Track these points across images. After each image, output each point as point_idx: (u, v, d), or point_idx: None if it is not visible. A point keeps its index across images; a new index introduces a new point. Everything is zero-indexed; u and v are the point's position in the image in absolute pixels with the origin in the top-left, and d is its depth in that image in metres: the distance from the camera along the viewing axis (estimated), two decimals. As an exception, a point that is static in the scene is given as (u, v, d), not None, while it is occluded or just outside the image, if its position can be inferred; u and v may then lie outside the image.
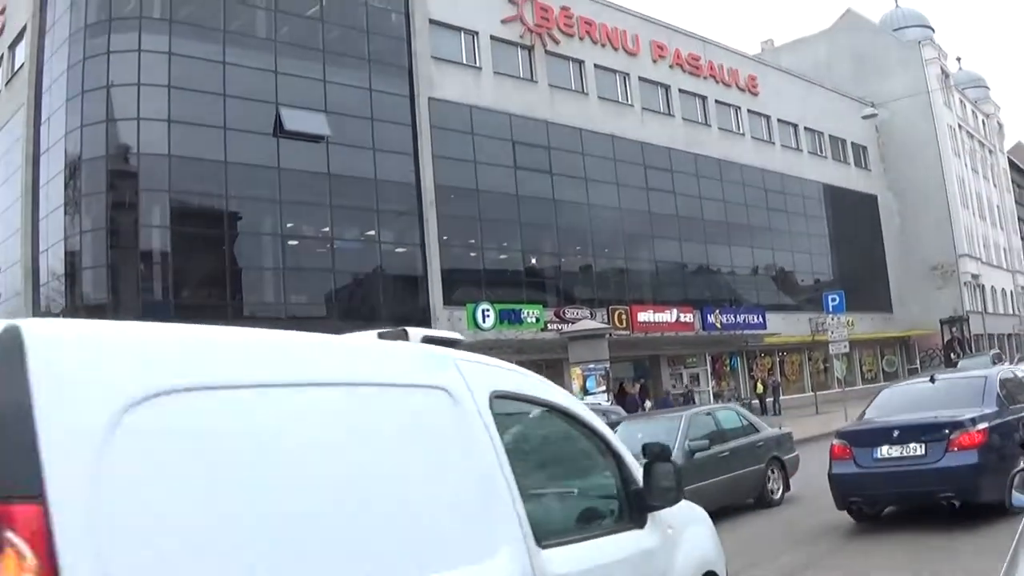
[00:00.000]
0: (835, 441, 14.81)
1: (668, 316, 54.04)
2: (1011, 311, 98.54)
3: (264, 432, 3.67)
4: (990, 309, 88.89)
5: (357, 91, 43.73)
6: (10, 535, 2.81)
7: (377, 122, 44.24)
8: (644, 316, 52.33)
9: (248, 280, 40.99)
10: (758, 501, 18.22)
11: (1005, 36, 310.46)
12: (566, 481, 6.49)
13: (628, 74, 58.51)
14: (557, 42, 53.84)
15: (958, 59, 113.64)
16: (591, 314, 47.15)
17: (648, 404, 52.36)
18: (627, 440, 14.45)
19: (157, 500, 3.15)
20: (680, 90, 62.09)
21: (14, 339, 2.97)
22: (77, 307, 37.68)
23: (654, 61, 60.34)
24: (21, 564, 2.80)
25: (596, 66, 56.39)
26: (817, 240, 72.47)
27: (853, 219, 76.53)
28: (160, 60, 38.07)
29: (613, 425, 18.24)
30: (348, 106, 43.18)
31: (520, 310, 46.69)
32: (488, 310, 44.78)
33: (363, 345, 4.93)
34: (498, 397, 5.23)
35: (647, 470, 6.04)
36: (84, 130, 38.09)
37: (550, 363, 47.59)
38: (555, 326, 45.71)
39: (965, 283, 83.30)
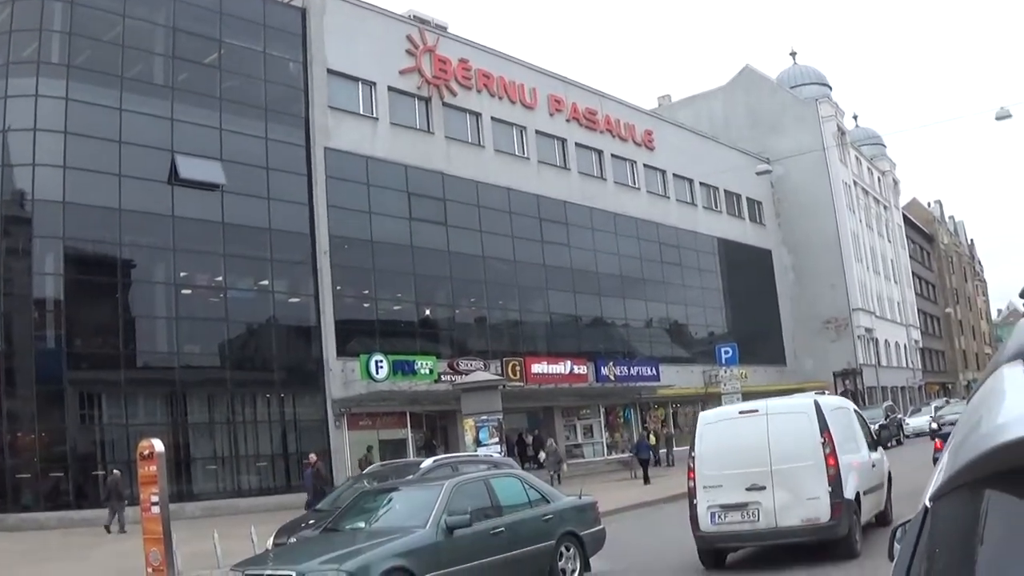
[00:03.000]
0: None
1: (562, 368, 54.92)
2: (904, 364, 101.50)
3: None
4: (883, 362, 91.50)
5: (253, 140, 44.14)
6: None
7: (272, 171, 44.68)
8: (538, 368, 53.20)
9: (141, 329, 41.02)
10: None
11: (902, 94, 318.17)
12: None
13: (525, 127, 59.79)
14: (455, 94, 54.98)
15: (855, 116, 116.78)
16: (485, 366, 47.88)
17: (542, 455, 53.42)
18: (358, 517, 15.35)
19: None
20: (576, 144, 63.57)
21: None
22: (-32, 355, 37.69)
23: (551, 115, 61.72)
24: None
25: (493, 119, 57.53)
26: (711, 293, 74.33)
27: (747, 273, 78.60)
28: (57, 105, 38.37)
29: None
30: (244, 154, 43.55)
31: (414, 361, 47.23)
32: (382, 361, 45.17)
33: None
34: None
35: None
36: (-22, 175, 38.18)
37: (443, 414, 48.85)
38: (449, 377, 46.25)
39: (859, 336, 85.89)
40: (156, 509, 19.50)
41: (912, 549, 2.16)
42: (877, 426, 33.01)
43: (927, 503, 2.14)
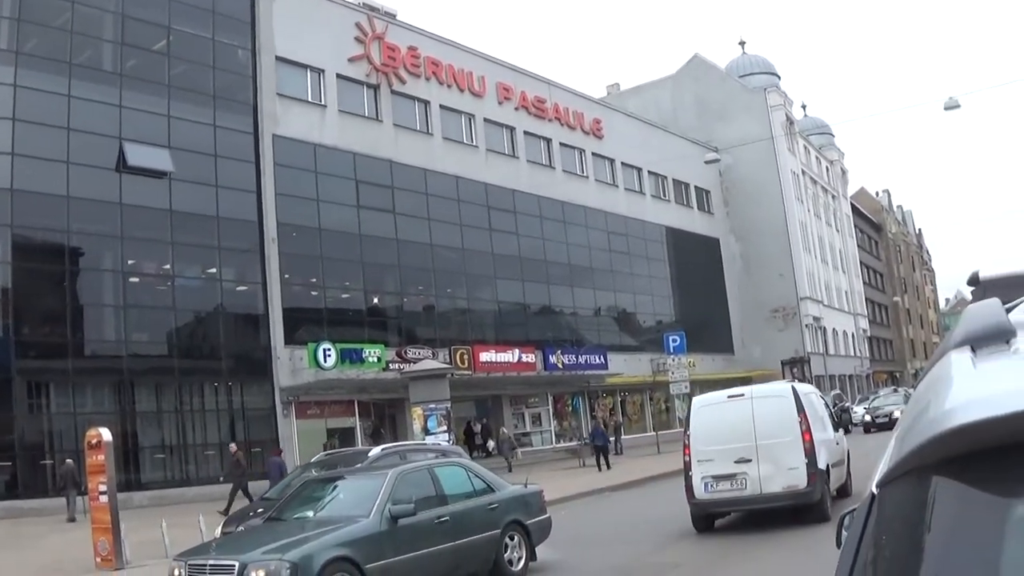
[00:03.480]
0: None
1: (510, 356, 55.46)
2: (852, 353, 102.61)
3: None
4: (831, 351, 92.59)
5: (201, 127, 44.14)
6: None
7: (220, 159, 44.74)
8: (486, 356, 53.68)
9: (89, 318, 41.01)
10: (494, 574, 16.12)
11: (850, 84, 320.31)
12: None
13: (473, 115, 60.15)
14: (403, 82, 55.26)
15: (803, 106, 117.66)
16: (433, 354, 48.15)
17: (491, 444, 53.92)
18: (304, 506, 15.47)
19: None
20: (525, 132, 64.04)
21: None
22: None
23: (500, 103, 62.16)
24: None
25: (442, 106, 57.88)
26: (659, 282, 75.04)
27: (696, 262, 79.36)
28: (5, 92, 38.17)
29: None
30: (192, 142, 43.51)
31: (362, 350, 47.52)
32: (330, 349, 45.44)
33: None
34: None
35: None
36: (-74, 162, 38.02)
37: (392, 403, 49.01)
38: (397, 366, 46.52)
39: (807, 325, 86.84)
40: (104, 498, 19.95)
41: (859, 536, 2.19)
42: (837, 409, 34.42)
43: (874, 490, 2.18)
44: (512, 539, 16.41)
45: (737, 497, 18.86)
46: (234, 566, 12.61)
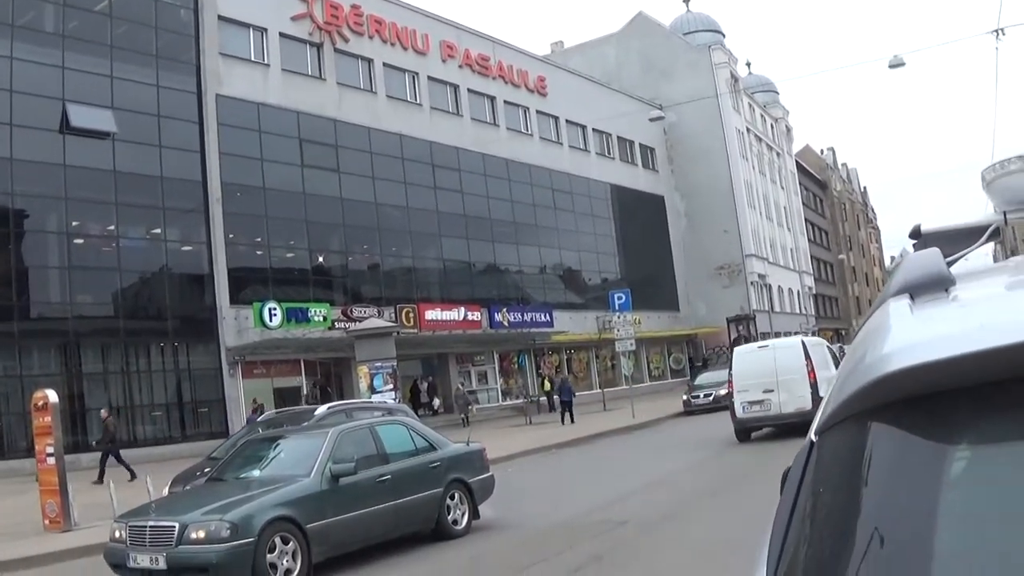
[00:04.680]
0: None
1: (455, 314, 56.16)
2: (798, 310, 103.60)
3: None
4: (776, 308, 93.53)
5: (144, 87, 44.29)
6: None
7: (164, 119, 44.89)
8: (431, 314, 54.35)
9: (34, 280, 41.31)
10: (436, 532, 16.15)
11: (795, 42, 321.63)
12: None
13: (417, 73, 60.52)
14: (347, 40, 55.52)
15: (748, 64, 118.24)
16: (379, 313, 48.67)
17: (436, 402, 54.52)
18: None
19: None
20: (469, 90, 64.49)
21: None
22: None
23: (443, 61, 62.53)
24: None
25: (385, 65, 58.18)
26: (604, 240, 75.79)
27: (640, 219, 79.93)
28: None
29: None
30: (135, 102, 43.60)
31: (307, 309, 48.05)
32: (275, 309, 45.96)
33: None
34: None
35: None
36: None
37: (338, 362, 49.44)
38: (342, 325, 46.90)
39: (752, 283, 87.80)
40: (52, 460, 20.12)
41: (798, 484, 2.21)
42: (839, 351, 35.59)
43: (812, 437, 2.20)
44: (454, 498, 16.47)
45: (764, 416, 27.50)
46: (174, 527, 12.76)
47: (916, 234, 3.57)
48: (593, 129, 76.83)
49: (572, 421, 44.59)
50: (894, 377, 1.73)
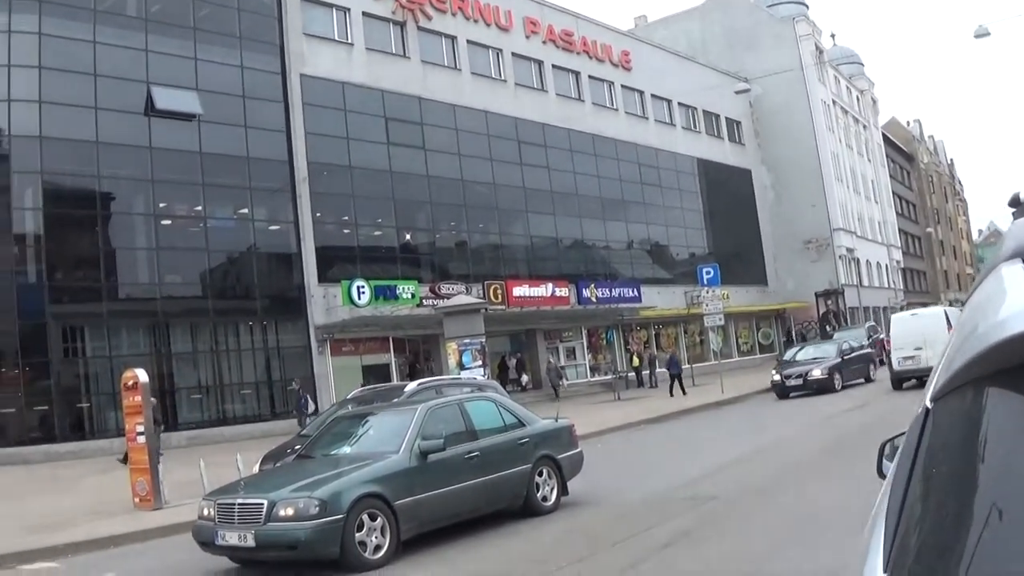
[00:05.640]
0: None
1: (543, 291, 55.12)
2: (886, 284, 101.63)
3: None
4: (865, 282, 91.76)
5: (228, 69, 43.97)
6: None
7: (249, 99, 44.57)
8: (519, 291, 53.37)
9: (122, 261, 41.03)
10: (525, 509, 15.77)
11: (879, 13, 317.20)
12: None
13: (501, 50, 59.52)
14: (429, 18, 54.67)
15: (832, 35, 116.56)
16: (467, 289, 47.87)
17: (525, 378, 53.84)
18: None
19: None
20: (553, 66, 63.32)
21: None
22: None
23: (527, 37, 61.45)
24: None
25: (469, 42, 57.29)
26: (692, 214, 74.42)
27: (727, 193, 78.56)
28: (30, 41, 38.14)
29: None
30: (219, 84, 43.37)
31: (395, 286, 47.38)
32: (363, 287, 45.37)
33: None
34: None
35: None
36: (-47, 112, 38.03)
37: (426, 339, 49.05)
38: (430, 302, 46.49)
39: (840, 256, 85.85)
40: (142, 439, 19.92)
41: (913, 451, 2.15)
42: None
43: (928, 404, 2.16)
44: (542, 474, 16.20)
45: (914, 368, 33.30)
46: (263, 504, 12.65)
47: (1016, 202, 3.59)
48: (679, 103, 75.31)
49: (684, 393, 44.31)
50: (1010, 343, 1.67)
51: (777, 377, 39.36)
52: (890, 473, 2.37)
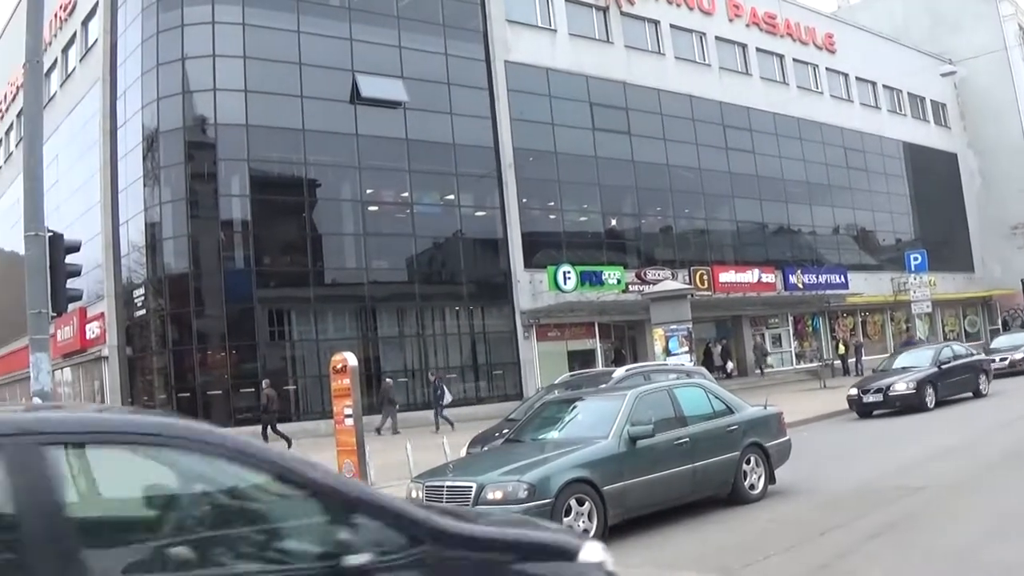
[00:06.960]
0: None
1: (750, 276, 52.82)
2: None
3: None
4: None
5: (433, 56, 43.49)
6: None
7: (454, 86, 44.05)
8: (726, 277, 51.19)
9: (328, 247, 40.93)
10: (732, 497, 15.13)
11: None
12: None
13: (704, 33, 57.21)
14: (632, 3, 52.78)
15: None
16: (672, 275, 46.18)
17: (730, 365, 51.81)
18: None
19: None
20: (757, 49, 60.70)
21: None
22: (159, 278, 37.89)
23: (730, 20, 58.93)
24: None
25: (672, 26, 55.20)
26: (898, 199, 70.73)
27: (933, 178, 74.48)
28: (234, 31, 38.46)
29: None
30: (424, 71, 42.90)
31: (601, 272, 45.87)
32: (569, 272, 44.06)
33: None
34: None
35: None
36: (160, 103, 38.58)
37: (631, 325, 47.55)
38: (636, 287, 44.87)
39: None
40: (350, 421, 19.57)
41: None
42: None
43: None
44: (750, 462, 15.47)
45: None
46: (471, 487, 12.33)
47: None
48: (883, 85, 71.46)
49: None
50: None
51: (854, 392, 29.92)
52: None
